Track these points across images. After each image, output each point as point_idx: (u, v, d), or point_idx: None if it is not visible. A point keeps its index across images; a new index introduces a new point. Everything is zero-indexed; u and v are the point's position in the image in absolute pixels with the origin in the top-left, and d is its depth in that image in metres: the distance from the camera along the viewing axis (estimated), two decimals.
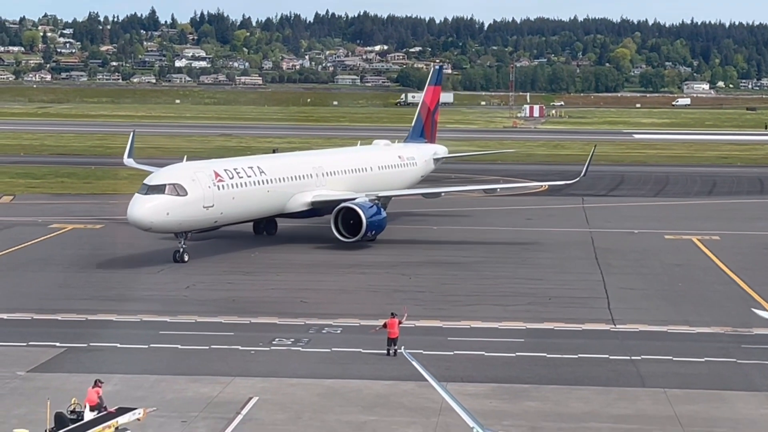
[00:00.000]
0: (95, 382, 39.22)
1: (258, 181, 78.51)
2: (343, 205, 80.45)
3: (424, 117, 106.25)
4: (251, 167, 78.96)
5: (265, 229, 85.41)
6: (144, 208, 70.82)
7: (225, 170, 76.19)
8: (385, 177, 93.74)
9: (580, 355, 50.69)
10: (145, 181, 73.23)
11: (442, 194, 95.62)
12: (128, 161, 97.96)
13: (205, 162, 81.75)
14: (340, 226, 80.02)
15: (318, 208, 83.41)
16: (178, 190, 71.74)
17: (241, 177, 76.98)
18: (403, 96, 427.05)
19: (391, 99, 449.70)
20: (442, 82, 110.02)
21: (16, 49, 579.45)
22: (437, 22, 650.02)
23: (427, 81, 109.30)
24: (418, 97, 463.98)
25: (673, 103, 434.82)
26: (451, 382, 44.29)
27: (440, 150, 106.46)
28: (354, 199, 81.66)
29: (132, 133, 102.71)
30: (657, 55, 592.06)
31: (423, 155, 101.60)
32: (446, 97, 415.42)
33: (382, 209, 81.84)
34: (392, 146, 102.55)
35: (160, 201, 71.02)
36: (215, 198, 73.76)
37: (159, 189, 71.52)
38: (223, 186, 74.74)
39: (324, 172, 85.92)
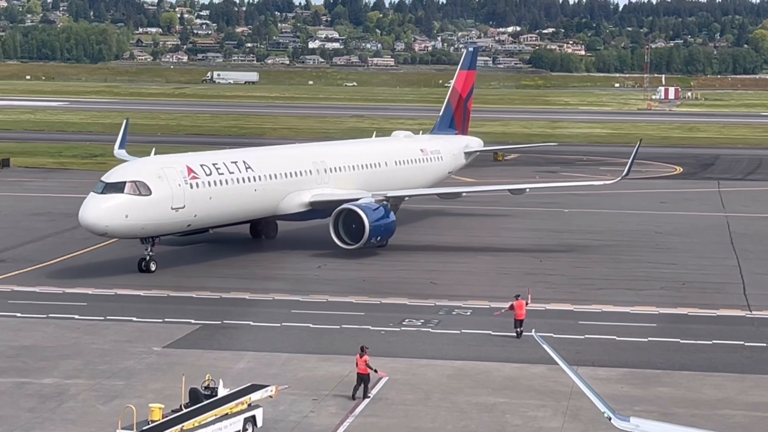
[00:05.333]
0: (361, 348, 41.14)
1: (242, 178, 68.35)
2: (343, 206, 69.89)
3: (454, 105, 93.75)
4: (235, 162, 68.76)
5: (264, 231, 75.91)
6: (98, 210, 61.28)
7: (201, 165, 66.02)
8: (403, 173, 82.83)
9: (714, 342, 49.91)
10: (102, 178, 63.69)
11: (463, 194, 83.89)
12: (119, 152, 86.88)
13: (177, 156, 71.46)
14: (341, 230, 69.73)
15: (320, 209, 72.74)
16: (140, 188, 62.01)
17: (221, 173, 66.95)
18: (209, 74, 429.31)
19: (523, 81, 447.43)
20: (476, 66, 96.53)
21: (154, 30, 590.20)
22: (571, 3, 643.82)
23: (459, 64, 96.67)
24: (224, 74, 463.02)
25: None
26: (581, 366, 43.99)
27: (473, 142, 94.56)
28: (357, 199, 71.14)
29: (125, 122, 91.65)
30: None
31: (451, 148, 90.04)
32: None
33: (390, 211, 71.29)
34: (414, 138, 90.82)
35: (118, 201, 61.39)
36: (187, 198, 63.88)
37: (117, 187, 61.85)
38: (197, 184, 64.73)
39: (327, 168, 75.16)
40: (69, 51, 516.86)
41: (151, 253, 63.88)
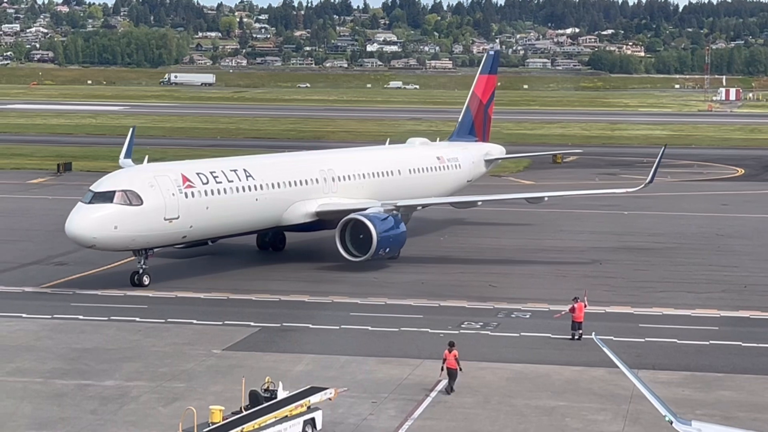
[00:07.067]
0: (450, 344, 42.33)
1: (243, 187, 65.06)
2: (350, 216, 66.60)
3: (474, 111, 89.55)
4: (234, 170, 65.48)
5: (271, 243, 73.17)
6: (85, 221, 58.70)
7: (197, 174, 62.94)
8: (417, 182, 79.24)
9: None
10: (91, 187, 61.07)
11: (479, 203, 78.21)
12: (124, 162, 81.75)
13: (172, 164, 69.14)
14: (348, 241, 66.54)
15: (327, 220, 69.29)
16: (131, 197, 59.23)
17: (220, 182, 63.70)
18: (166, 75, 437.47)
19: (582, 83, 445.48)
20: (497, 71, 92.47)
21: (213, 34, 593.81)
22: (630, 4, 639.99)
23: (479, 68, 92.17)
24: (181, 76, 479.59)
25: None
26: (642, 370, 43.70)
27: (494, 150, 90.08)
28: (365, 209, 68.02)
29: (131, 130, 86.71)
30: None
31: (470, 156, 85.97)
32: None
33: (401, 222, 67.96)
34: (430, 145, 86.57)
35: (107, 212, 58.73)
36: (181, 208, 60.79)
37: (106, 197, 59.21)
38: (193, 193, 61.65)
39: (335, 177, 71.80)
40: (129, 56, 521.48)
41: (144, 267, 60.98)
